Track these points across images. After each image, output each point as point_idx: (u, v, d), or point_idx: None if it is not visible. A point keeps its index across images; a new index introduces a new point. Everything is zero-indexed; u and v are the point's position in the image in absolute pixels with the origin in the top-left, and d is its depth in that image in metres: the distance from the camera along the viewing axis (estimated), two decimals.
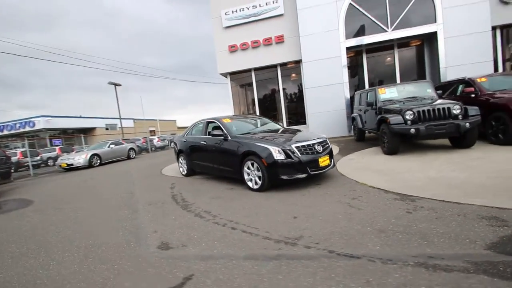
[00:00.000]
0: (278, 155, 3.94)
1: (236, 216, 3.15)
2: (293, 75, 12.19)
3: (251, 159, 4.23)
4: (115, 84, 21.46)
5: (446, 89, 7.42)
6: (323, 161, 4.15)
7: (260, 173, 4.10)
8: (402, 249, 2.01)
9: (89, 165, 11.51)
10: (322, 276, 1.76)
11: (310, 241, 2.29)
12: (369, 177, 4.26)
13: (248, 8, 11.55)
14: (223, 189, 4.63)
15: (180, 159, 6.51)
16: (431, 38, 10.16)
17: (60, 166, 11.47)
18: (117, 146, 13.38)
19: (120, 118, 22.37)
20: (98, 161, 11.93)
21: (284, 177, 3.94)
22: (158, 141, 21.13)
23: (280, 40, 11.36)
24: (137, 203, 4.30)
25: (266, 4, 11.36)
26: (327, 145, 4.48)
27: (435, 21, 9.70)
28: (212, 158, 5.26)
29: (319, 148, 4.22)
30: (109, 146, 12.86)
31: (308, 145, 4.15)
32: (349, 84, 10.84)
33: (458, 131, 5.30)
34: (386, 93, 7.02)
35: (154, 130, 39.19)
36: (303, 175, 3.97)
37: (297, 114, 12.27)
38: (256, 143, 4.24)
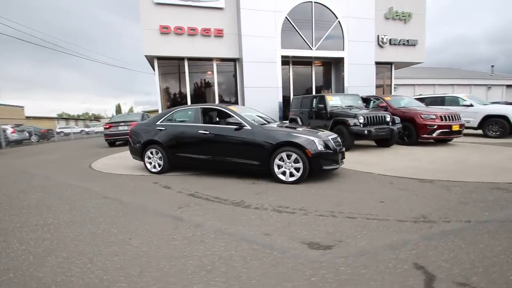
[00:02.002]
0: (320, 146, 3.99)
1: (326, 207, 2.98)
2: (230, 74, 12.03)
3: (287, 150, 4.02)
4: None
5: None
6: (345, 152, 4.54)
7: (299, 165, 3.98)
8: (506, 211, 2.67)
9: None
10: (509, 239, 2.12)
11: (438, 218, 2.58)
12: (364, 168, 5.01)
13: None
14: (245, 185, 4.11)
15: (148, 153, 5.09)
16: (339, 62, 12.84)
17: None
18: None
19: None
20: None
21: (325, 167, 4.03)
22: (13, 132, 14.81)
23: (219, 34, 10.95)
24: (152, 210, 3.11)
25: None
26: None
27: (343, 49, 12.37)
28: (219, 150, 4.53)
29: (340, 141, 4.58)
30: None
31: (335, 138, 4.43)
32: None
33: (391, 134, 7.13)
34: (333, 100, 8.35)
35: None
36: (337, 166, 4.21)
37: None
38: (294, 134, 4.10)
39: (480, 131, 9.30)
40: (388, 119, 7.29)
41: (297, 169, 4.02)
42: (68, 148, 12.60)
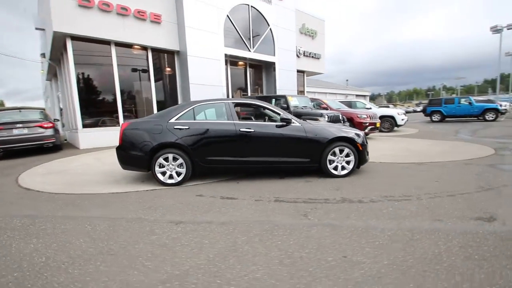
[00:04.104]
0: (364, 140, 4.37)
1: (414, 191, 3.36)
2: (168, 69, 10.47)
3: (340, 145, 4.16)
4: None
5: None
6: None
7: (350, 158, 4.20)
8: None
9: None
10: None
11: (496, 186, 3.48)
12: None
13: None
14: (305, 183, 3.93)
15: (161, 160, 3.87)
16: (270, 66, 13.76)
17: None
18: None
19: None
20: None
21: (367, 158, 4.45)
22: None
23: (156, 19, 9.40)
24: (281, 223, 2.54)
25: None
26: None
27: (274, 55, 13.38)
28: (264, 149, 4.07)
29: None
30: None
31: None
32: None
33: None
34: (293, 101, 8.99)
35: None
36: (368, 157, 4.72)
37: None
38: (345, 129, 4.28)
39: None
40: (341, 118, 8.63)
41: (347, 163, 4.23)
42: None
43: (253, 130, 4.02)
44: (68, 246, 2.20)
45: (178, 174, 3.97)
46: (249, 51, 12.18)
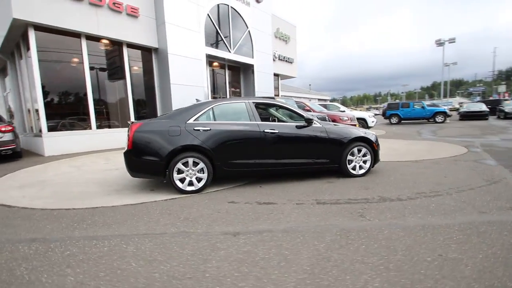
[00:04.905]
0: (377, 139, 4.52)
1: (438, 188, 3.57)
2: (145, 67, 9.64)
3: (358, 146, 4.23)
4: None
5: None
6: None
7: (367, 158, 4.31)
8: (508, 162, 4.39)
9: None
10: None
11: (499, 179, 3.87)
12: None
13: None
14: (330, 184, 3.90)
15: (179, 165, 3.47)
16: (248, 68, 13.66)
17: None
18: None
19: None
20: None
21: (379, 158, 4.60)
22: None
23: (134, 12, 8.64)
24: (341, 228, 2.44)
25: None
26: None
27: (253, 57, 13.32)
28: (287, 151, 3.97)
29: None
30: None
31: None
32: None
33: None
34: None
35: None
36: None
37: (148, 111, 9.81)
38: (361, 129, 4.37)
39: None
40: (327, 120, 8.91)
41: (364, 162, 4.33)
42: None
43: (277, 131, 3.87)
44: (121, 273, 1.79)
45: (198, 180, 3.61)
46: (229, 52, 11.93)
